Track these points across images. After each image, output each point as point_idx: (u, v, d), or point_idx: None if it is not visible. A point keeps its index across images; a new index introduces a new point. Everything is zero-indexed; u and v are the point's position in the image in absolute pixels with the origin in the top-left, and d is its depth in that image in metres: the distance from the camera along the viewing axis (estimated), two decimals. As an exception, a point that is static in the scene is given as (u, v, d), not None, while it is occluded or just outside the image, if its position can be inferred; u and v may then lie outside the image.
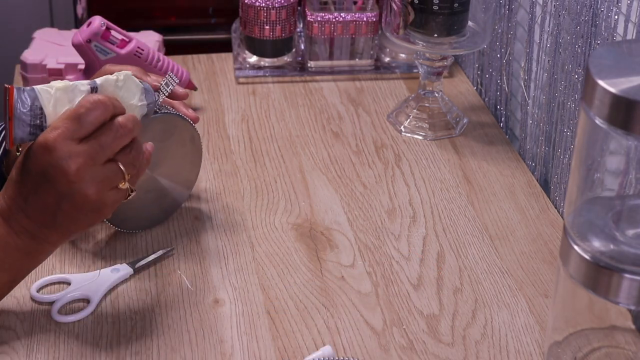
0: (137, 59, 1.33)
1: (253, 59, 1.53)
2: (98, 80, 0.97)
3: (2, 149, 1.15)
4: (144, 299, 1.08)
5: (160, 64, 1.36)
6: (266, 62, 1.52)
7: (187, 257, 1.14)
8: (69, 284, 1.09)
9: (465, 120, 1.42)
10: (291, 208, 1.23)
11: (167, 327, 1.04)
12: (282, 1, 1.46)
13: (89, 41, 1.29)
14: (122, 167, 0.96)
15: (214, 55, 1.58)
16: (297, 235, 1.19)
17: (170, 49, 1.55)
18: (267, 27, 1.48)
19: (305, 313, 1.07)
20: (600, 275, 0.86)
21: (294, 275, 1.12)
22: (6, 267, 0.96)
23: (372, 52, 1.53)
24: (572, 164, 0.91)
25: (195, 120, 1.16)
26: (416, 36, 1.33)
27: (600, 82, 0.80)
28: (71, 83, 0.96)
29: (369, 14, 1.50)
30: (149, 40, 1.48)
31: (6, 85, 0.93)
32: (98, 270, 1.10)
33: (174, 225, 1.19)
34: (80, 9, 1.66)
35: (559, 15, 1.21)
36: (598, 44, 1.13)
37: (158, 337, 1.03)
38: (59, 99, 0.95)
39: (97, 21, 1.30)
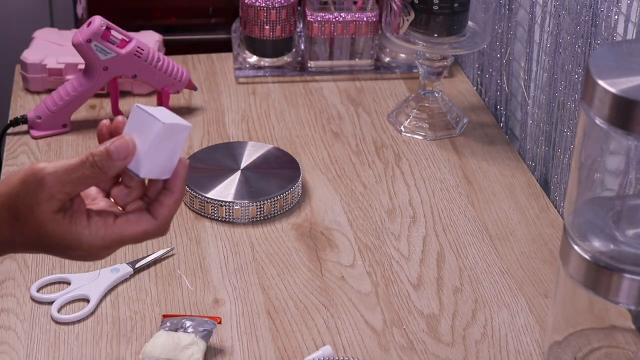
0: (137, 59, 1.33)
1: (253, 59, 1.53)
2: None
3: None
4: (144, 299, 1.08)
5: (160, 64, 1.36)
6: (266, 62, 1.52)
7: (187, 257, 1.14)
8: (69, 283, 1.09)
9: (465, 120, 1.42)
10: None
11: (167, 327, 1.03)
12: (282, 1, 1.46)
13: (89, 41, 1.29)
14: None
15: (214, 55, 1.58)
16: (297, 235, 1.19)
17: (170, 49, 1.54)
18: (267, 27, 1.48)
19: (305, 313, 1.07)
20: (600, 275, 0.86)
21: (294, 275, 1.12)
22: None
23: (372, 52, 1.53)
24: (572, 164, 0.91)
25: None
26: (416, 36, 1.33)
27: (600, 82, 0.80)
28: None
29: (369, 14, 1.50)
30: (149, 40, 1.48)
31: None
32: (98, 270, 1.10)
33: (174, 225, 1.19)
34: (80, 9, 1.66)
35: (559, 15, 1.21)
36: (598, 44, 1.13)
37: (158, 337, 1.03)
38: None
39: (97, 21, 1.30)
